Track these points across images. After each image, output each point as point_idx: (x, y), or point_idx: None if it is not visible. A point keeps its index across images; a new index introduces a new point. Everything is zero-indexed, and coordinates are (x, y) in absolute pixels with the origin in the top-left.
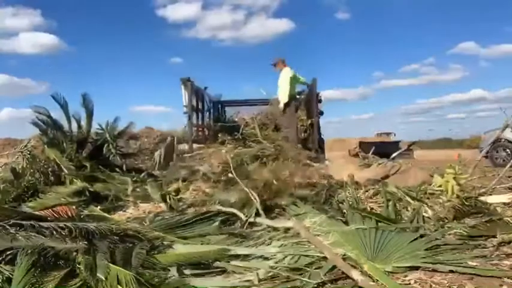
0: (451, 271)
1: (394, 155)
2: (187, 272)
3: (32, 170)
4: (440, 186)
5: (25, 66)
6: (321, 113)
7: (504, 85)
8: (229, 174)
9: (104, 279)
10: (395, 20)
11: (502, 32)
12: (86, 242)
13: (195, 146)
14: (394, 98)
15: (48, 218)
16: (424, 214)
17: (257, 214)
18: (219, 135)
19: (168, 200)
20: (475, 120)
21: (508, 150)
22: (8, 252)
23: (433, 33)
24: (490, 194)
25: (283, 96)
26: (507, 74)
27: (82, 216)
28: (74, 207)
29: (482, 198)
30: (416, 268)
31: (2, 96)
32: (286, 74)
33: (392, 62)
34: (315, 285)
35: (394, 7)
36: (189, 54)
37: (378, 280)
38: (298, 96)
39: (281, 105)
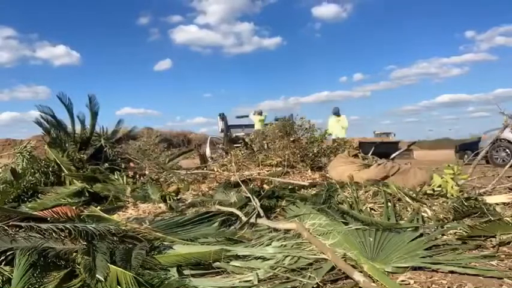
0: (451, 271)
1: (394, 155)
2: (187, 272)
3: (32, 170)
4: (439, 186)
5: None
6: None
7: (479, 90)
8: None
9: (103, 280)
10: (354, 40)
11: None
12: (85, 243)
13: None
14: (381, 100)
15: (48, 219)
16: (423, 214)
17: (258, 215)
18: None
19: (167, 200)
20: (470, 120)
21: (507, 150)
22: (8, 253)
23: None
24: (490, 194)
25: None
26: (476, 80)
27: (82, 217)
28: (73, 207)
29: (482, 198)
30: (416, 268)
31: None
32: (257, 121)
33: (373, 67)
34: (315, 286)
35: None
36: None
37: (377, 280)
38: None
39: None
